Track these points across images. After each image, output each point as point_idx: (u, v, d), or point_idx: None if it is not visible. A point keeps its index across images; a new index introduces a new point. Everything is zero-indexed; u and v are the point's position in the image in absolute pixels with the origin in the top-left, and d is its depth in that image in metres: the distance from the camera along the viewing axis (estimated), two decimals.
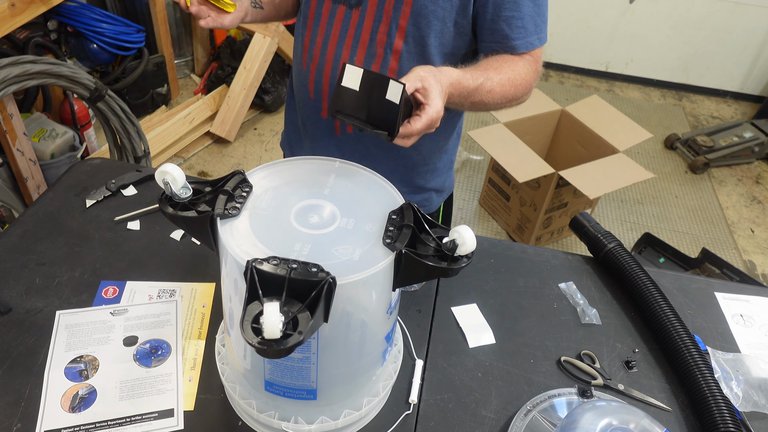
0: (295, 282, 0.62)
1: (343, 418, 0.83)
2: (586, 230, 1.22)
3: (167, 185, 0.73)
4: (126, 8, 3.14)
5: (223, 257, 0.73)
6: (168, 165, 0.73)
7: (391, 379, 0.89)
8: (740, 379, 1.00)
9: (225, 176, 0.78)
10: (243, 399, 0.84)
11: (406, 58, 1.09)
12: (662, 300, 1.05)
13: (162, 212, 0.75)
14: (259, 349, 0.58)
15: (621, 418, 0.80)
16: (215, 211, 0.72)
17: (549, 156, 2.99)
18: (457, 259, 0.71)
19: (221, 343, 0.91)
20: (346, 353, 0.77)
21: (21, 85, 1.99)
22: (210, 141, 3.17)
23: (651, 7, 3.82)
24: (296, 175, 0.83)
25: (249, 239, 0.70)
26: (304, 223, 0.74)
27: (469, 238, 0.69)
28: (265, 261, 0.64)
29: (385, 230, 0.73)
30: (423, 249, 0.73)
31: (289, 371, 0.76)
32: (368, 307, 0.74)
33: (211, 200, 0.74)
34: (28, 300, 1.02)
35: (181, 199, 0.74)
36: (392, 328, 0.84)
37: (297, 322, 0.60)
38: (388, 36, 1.07)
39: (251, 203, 0.76)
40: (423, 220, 0.74)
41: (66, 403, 0.88)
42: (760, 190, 3.34)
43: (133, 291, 1.06)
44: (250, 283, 0.62)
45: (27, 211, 1.21)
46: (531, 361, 1.02)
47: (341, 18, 1.09)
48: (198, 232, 0.75)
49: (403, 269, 0.70)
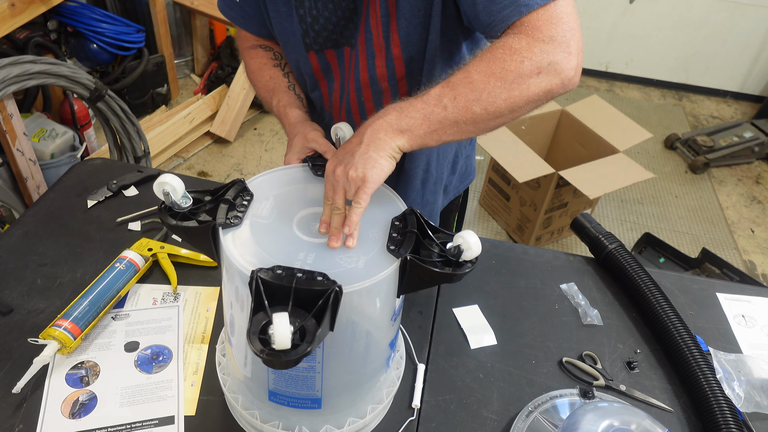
0: (301, 291, 0.61)
1: (348, 426, 0.82)
2: (587, 231, 1.22)
3: (167, 195, 0.72)
4: (126, 8, 3.14)
5: (224, 266, 0.72)
6: (167, 175, 0.72)
7: (395, 386, 0.89)
8: (742, 379, 1.00)
9: (225, 185, 0.77)
10: (246, 409, 0.83)
11: (417, 78, 0.99)
12: (664, 301, 1.05)
13: (162, 223, 0.74)
14: (267, 361, 0.57)
15: (623, 419, 0.80)
16: (217, 221, 0.71)
17: (549, 156, 2.99)
18: (461, 265, 0.70)
19: (222, 353, 0.90)
20: (351, 361, 0.76)
21: (21, 85, 1.99)
22: (210, 141, 3.17)
23: (651, 7, 3.82)
24: (297, 182, 0.83)
25: (252, 249, 0.70)
26: (307, 231, 0.74)
27: (474, 243, 0.68)
28: (270, 270, 0.63)
29: (389, 237, 0.73)
30: (427, 255, 0.72)
31: (294, 381, 0.75)
32: (373, 315, 0.74)
33: (212, 209, 0.74)
34: (29, 301, 1.02)
35: (182, 209, 0.73)
36: (396, 335, 0.84)
37: (305, 332, 0.59)
38: (388, 69, 0.98)
39: (253, 212, 0.75)
40: (426, 225, 0.74)
41: (66, 409, 0.87)
42: (760, 190, 3.34)
43: (138, 294, 1.06)
44: (256, 294, 0.61)
45: (28, 211, 1.20)
46: (532, 362, 1.02)
47: (336, 62, 1.03)
48: (199, 242, 0.74)
49: (408, 276, 0.70)
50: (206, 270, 1.12)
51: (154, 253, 1.09)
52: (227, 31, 3.52)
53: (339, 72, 1.05)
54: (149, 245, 1.10)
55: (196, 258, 1.11)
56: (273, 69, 1.10)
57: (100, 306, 0.98)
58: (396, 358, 0.92)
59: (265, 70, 1.10)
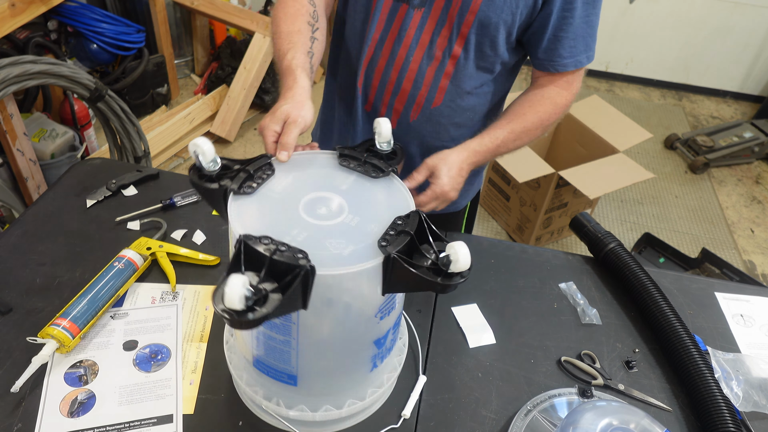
0: (275, 263, 0.64)
1: (323, 412, 0.84)
2: (586, 230, 1.22)
3: (197, 156, 0.78)
4: (126, 8, 3.14)
5: (230, 231, 0.76)
6: (200, 138, 0.77)
7: (381, 387, 0.88)
8: (740, 379, 1.00)
9: (254, 158, 0.82)
10: (236, 370, 0.87)
11: (463, 65, 1.10)
12: (662, 300, 1.05)
13: (189, 180, 0.80)
14: (223, 317, 0.60)
15: (621, 418, 0.80)
16: (231, 186, 0.76)
17: (549, 156, 2.99)
18: (450, 276, 0.69)
19: (230, 332, 0.92)
20: (326, 346, 0.79)
21: (21, 85, 1.99)
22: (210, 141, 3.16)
23: (651, 7, 3.82)
24: (321, 167, 0.85)
25: (252, 217, 0.74)
26: (311, 212, 0.76)
27: (463, 255, 0.67)
28: (258, 239, 0.66)
29: (384, 233, 0.73)
30: (419, 259, 0.71)
31: (272, 351, 0.78)
32: (352, 304, 0.75)
33: (236, 177, 0.78)
34: (28, 300, 1.02)
35: (209, 171, 0.79)
36: (385, 335, 0.84)
37: (267, 300, 0.61)
38: (449, 41, 1.07)
39: (268, 185, 0.80)
40: (428, 230, 0.73)
41: (65, 408, 0.87)
42: (760, 190, 3.34)
43: (136, 293, 1.06)
44: (235, 256, 0.65)
45: (27, 211, 1.21)
46: (531, 361, 1.02)
47: (402, 17, 1.08)
48: (216, 204, 0.80)
49: (391, 274, 0.70)
50: (205, 269, 1.12)
51: (152, 252, 1.09)
52: (227, 31, 3.52)
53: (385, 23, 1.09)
54: (148, 244, 1.10)
55: (194, 257, 1.11)
56: (305, 24, 1.06)
57: (98, 305, 0.98)
58: (392, 363, 0.91)
59: (299, 21, 1.05)
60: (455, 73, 1.11)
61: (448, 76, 1.11)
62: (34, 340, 0.91)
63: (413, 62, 1.10)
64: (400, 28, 1.09)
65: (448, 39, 1.07)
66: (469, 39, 1.06)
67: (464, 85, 1.12)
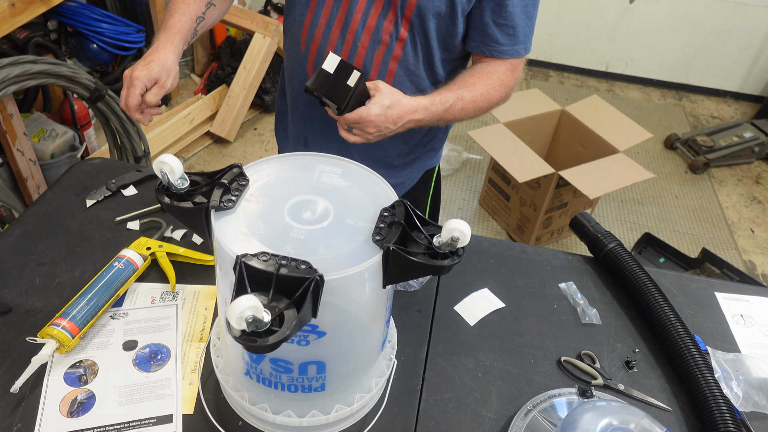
0: (283, 278, 0.63)
1: (310, 417, 0.83)
2: (586, 230, 1.22)
3: (164, 175, 0.73)
4: (126, 8, 3.14)
5: (216, 248, 0.74)
6: (166, 155, 0.73)
7: (370, 392, 0.87)
8: (740, 379, 1.00)
9: (223, 169, 0.78)
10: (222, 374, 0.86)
11: (410, 48, 1.12)
12: (662, 300, 1.05)
13: (158, 202, 0.75)
14: (245, 345, 0.58)
15: (621, 418, 0.80)
16: (210, 203, 0.73)
17: (549, 156, 2.99)
18: (447, 256, 0.70)
19: (216, 336, 0.91)
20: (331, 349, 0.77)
21: (21, 85, 1.99)
22: (210, 141, 3.17)
23: (651, 7, 3.82)
24: (293, 170, 0.83)
25: (241, 232, 0.71)
26: (297, 218, 0.75)
27: (467, 230, 0.68)
28: (255, 256, 0.64)
29: (375, 227, 0.73)
30: (414, 246, 0.72)
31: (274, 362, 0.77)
32: (353, 305, 0.75)
33: (208, 192, 0.75)
34: (28, 300, 1.02)
35: (178, 189, 0.75)
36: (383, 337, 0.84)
37: (283, 319, 0.60)
38: (395, 24, 1.10)
39: (246, 196, 0.77)
40: (415, 217, 0.74)
41: (64, 408, 0.87)
42: (760, 190, 3.34)
43: (136, 292, 1.06)
44: (239, 278, 0.63)
45: (27, 211, 1.21)
46: (531, 361, 1.02)
47: (348, 2, 1.10)
48: (193, 224, 0.76)
49: (392, 266, 0.70)
50: (205, 269, 1.12)
51: (152, 252, 1.09)
52: (227, 31, 3.52)
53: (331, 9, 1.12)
54: (148, 244, 1.10)
55: (194, 257, 1.11)
56: None
57: (98, 305, 0.98)
58: (380, 366, 0.90)
59: None
60: (403, 56, 1.13)
61: (396, 59, 1.14)
62: (34, 340, 0.91)
63: (360, 47, 1.12)
64: (346, 14, 1.11)
65: (394, 23, 1.10)
66: (413, 22, 1.09)
67: (413, 68, 1.15)
